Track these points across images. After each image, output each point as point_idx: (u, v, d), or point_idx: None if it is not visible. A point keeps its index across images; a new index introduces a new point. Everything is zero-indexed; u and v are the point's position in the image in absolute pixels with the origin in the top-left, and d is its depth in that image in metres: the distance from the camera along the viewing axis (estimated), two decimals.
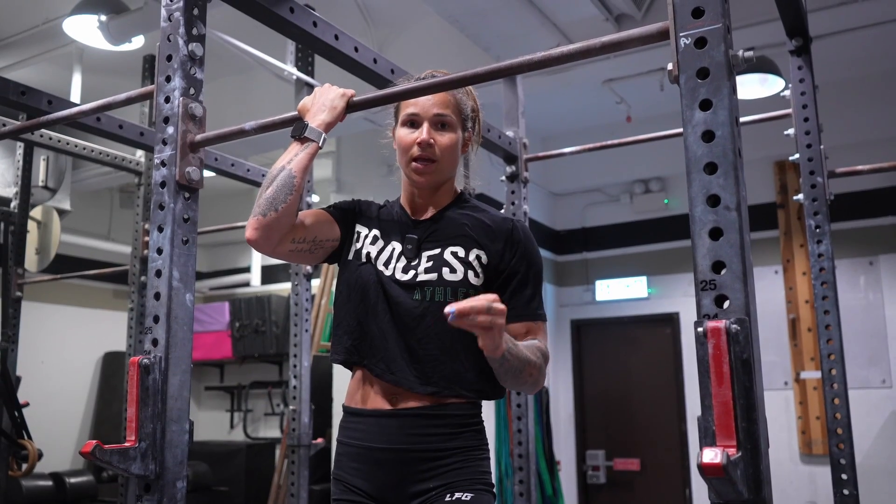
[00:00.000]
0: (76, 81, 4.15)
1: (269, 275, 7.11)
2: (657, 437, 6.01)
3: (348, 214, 1.65)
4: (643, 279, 6.20)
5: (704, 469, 0.80)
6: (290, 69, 3.55)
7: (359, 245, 1.61)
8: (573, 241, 6.55)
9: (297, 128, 1.48)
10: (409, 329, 1.51)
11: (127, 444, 1.30)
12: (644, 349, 6.19)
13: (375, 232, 1.62)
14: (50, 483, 5.47)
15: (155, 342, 1.37)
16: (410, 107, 1.57)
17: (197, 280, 8.03)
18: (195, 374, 8.07)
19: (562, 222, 6.65)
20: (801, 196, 2.34)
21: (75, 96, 4.10)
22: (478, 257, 1.54)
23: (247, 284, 7.34)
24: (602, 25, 3.51)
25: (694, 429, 5.79)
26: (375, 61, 2.10)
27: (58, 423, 6.49)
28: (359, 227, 1.64)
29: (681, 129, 2.76)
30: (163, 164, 1.44)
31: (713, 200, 0.95)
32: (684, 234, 5.99)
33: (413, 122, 1.57)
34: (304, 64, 3.38)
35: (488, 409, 5.28)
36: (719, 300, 0.93)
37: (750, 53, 0.98)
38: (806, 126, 2.34)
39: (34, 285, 4.87)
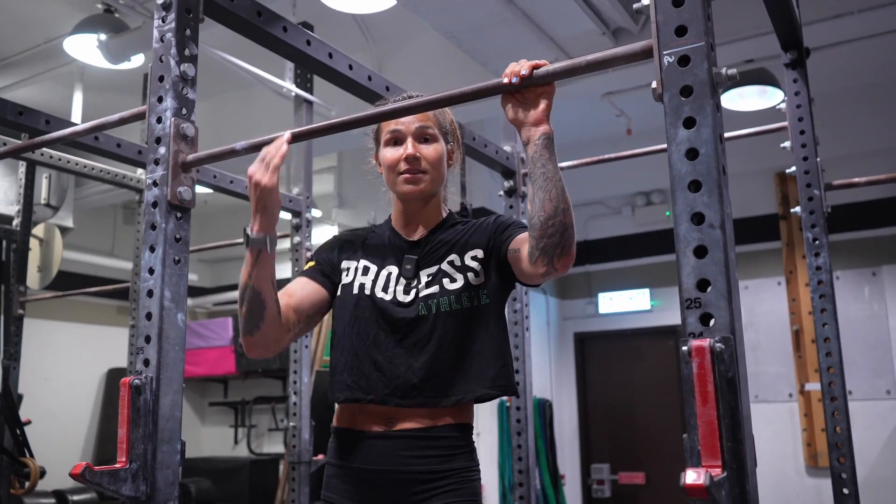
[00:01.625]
0: (77, 100, 4.18)
1: None
2: (662, 451, 5.98)
3: (328, 264, 1.63)
4: (646, 291, 6.19)
5: (687, 491, 0.79)
6: (289, 86, 3.57)
7: (347, 279, 1.60)
8: (577, 254, 6.55)
9: (245, 237, 1.45)
10: (420, 347, 1.50)
11: (118, 465, 1.30)
12: (648, 361, 6.17)
13: (364, 262, 1.61)
14: (53, 501, 5.46)
15: (146, 362, 1.37)
16: (391, 125, 1.57)
17: (200, 296, 8.04)
18: (199, 390, 8.07)
19: None
20: (798, 208, 2.34)
21: (76, 115, 4.12)
22: (473, 257, 1.56)
23: None
24: (599, 40, 3.52)
25: None
26: (370, 79, 2.10)
27: (61, 441, 6.49)
28: (344, 264, 1.63)
29: None
30: (155, 184, 1.44)
31: (698, 218, 0.95)
32: None
33: (396, 140, 1.58)
34: (304, 80, 3.39)
35: (492, 423, 5.27)
36: (705, 318, 0.93)
37: (733, 71, 0.98)
38: (802, 139, 2.34)
39: (39, 302, 4.88)
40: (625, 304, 6.27)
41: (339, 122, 1.37)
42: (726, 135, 2.68)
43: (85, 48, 3.71)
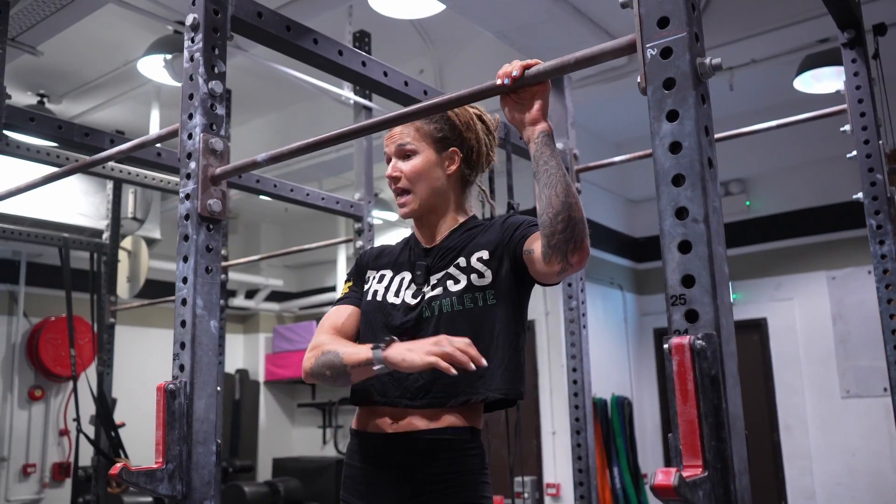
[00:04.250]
0: (154, 118, 4.39)
1: None
2: (748, 448, 5.77)
3: (359, 280, 1.71)
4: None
5: (656, 491, 0.78)
6: (348, 94, 3.65)
7: (367, 286, 1.67)
8: (653, 248, 6.41)
9: (376, 354, 1.42)
10: None
11: (154, 466, 1.37)
12: None
13: (383, 271, 1.66)
14: (150, 500, 5.73)
15: (181, 367, 1.44)
16: (385, 146, 1.65)
17: (287, 300, 8.23)
18: (288, 392, 8.32)
19: (641, 229, 6.52)
20: (860, 195, 2.24)
21: (154, 132, 4.33)
22: (479, 258, 1.55)
23: (333, 303, 7.51)
24: None
25: (787, 439, 5.54)
26: (406, 84, 2.13)
27: None
28: (368, 274, 1.70)
29: (753, 127, 2.63)
30: (187, 197, 1.51)
31: (681, 213, 0.93)
32: (769, 237, 5.78)
33: (389, 160, 1.64)
34: (363, 88, 3.45)
35: (566, 422, 5.22)
36: (690, 315, 0.91)
37: (718, 61, 0.95)
38: (862, 121, 2.24)
39: (133, 311, 5.15)
40: None
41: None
42: (788, 119, 2.59)
43: (158, 68, 3.90)
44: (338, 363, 1.49)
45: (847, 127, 2.28)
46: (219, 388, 1.49)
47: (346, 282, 1.75)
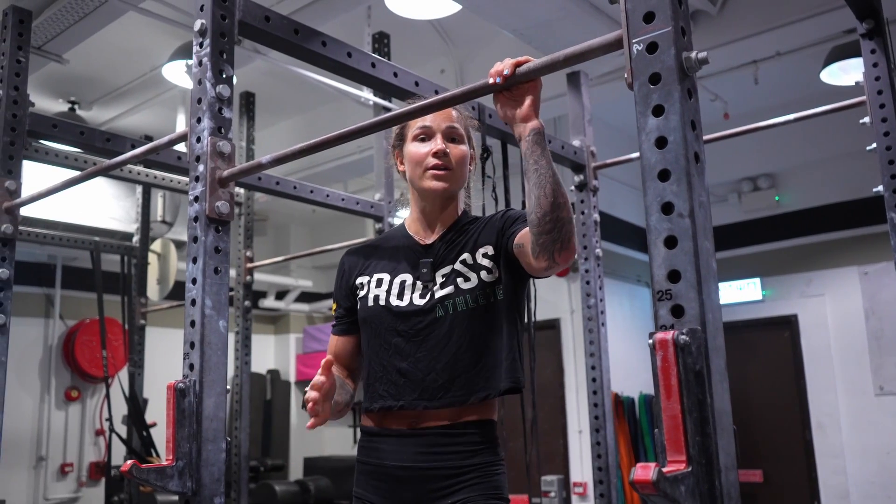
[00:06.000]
0: (180, 122, 4.46)
1: None
2: (780, 447, 5.69)
3: (346, 298, 1.69)
4: (757, 281, 5.91)
5: (636, 485, 0.78)
6: (367, 95, 3.67)
7: (362, 293, 1.64)
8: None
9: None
10: (441, 348, 1.53)
11: (165, 463, 1.40)
12: (761, 354, 5.88)
13: (377, 275, 1.64)
14: None
15: (191, 367, 1.47)
16: (420, 123, 1.60)
17: (317, 301, 8.26)
18: None
19: None
20: (881, 188, 2.20)
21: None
22: (485, 254, 1.57)
23: None
24: None
25: (820, 438, 5.45)
26: (417, 84, 2.14)
27: None
28: (358, 281, 1.67)
29: (772, 121, 2.60)
30: (196, 199, 1.54)
31: (667, 208, 0.93)
32: (799, 232, 5.69)
33: (425, 137, 1.61)
34: (374, 89, 3.47)
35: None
36: (676, 310, 0.91)
37: (704, 55, 0.95)
38: (882, 113, 2.20)
39: (163, 312, 5.23)
40: (734, 294, 6.01)
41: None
42: (807, 112, 2.55)
43: (182, 74, 3.96)
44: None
45: (866, 119, 2.24)
46: (228, 388, 1.52)
47: (332, 302, 1.76)
